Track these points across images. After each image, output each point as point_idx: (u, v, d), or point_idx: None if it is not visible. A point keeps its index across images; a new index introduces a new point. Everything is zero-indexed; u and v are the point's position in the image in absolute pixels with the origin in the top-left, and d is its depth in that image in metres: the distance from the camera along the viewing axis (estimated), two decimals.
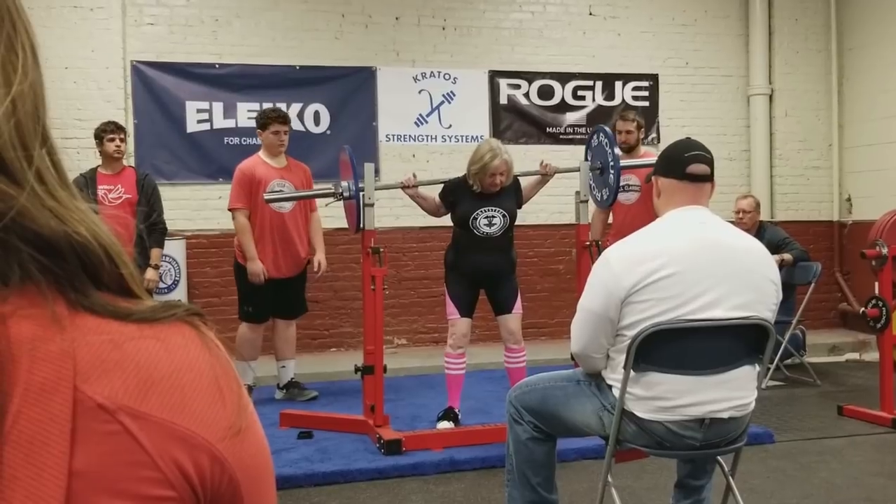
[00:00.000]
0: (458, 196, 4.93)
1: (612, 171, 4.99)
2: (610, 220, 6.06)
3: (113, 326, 0.59)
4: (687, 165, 2.80)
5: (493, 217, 4.87)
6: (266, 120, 5.62)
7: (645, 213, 5.37)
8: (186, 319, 0.63)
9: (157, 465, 0.57)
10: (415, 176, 5.07)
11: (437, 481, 4.25)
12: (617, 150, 5.00)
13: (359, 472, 4.29)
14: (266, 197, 5.27)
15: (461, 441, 4.63)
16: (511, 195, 4.98)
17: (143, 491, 0.56)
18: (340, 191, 4.85)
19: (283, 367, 5.96)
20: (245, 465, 0.62)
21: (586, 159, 5.38)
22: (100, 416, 0.56)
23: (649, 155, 5.83)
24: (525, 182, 5.18)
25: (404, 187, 4.99)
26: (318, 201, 5.83)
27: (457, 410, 5.06)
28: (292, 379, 5.97)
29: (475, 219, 4.85)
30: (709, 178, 2.83)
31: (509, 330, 5.04)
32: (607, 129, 5.18)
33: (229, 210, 5.65)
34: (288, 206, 5.60)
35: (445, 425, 4.94)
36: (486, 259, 4.89)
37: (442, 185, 5.10)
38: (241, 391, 0.64)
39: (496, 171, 4.78)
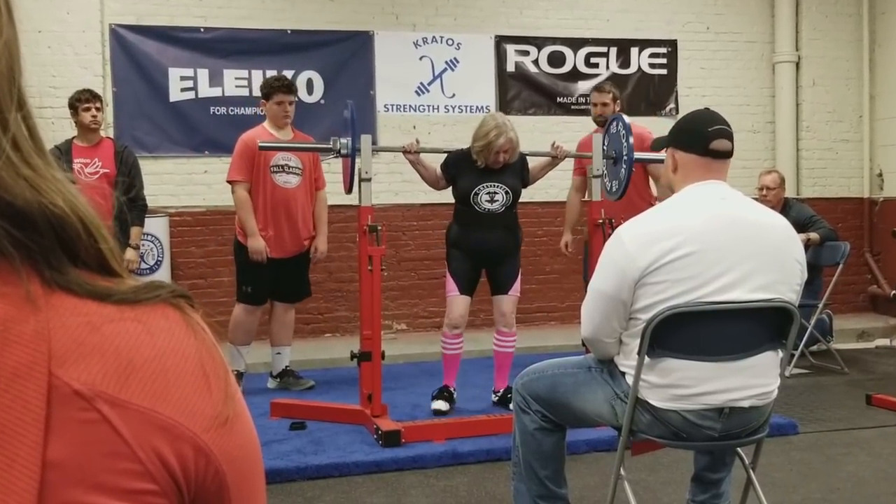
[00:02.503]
0: (460, 169, 5.04)
1: (624, 164, 5.00)
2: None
3: (91, 307, 0.59)
4: (711, 141, 2.79)
5: (496, 193, 4.99)
6: (269, 90, 5.58)
7: (634, 198, 5.42)
8: (171, 301, 0.63)
9: (138, 456, 0.57)
10: (418, 142, 5.16)
11: (438, 475, 4.27)
12: (632, 140, 4.98)
13: (355, 465, 4.31)
14: (260, 144, 5.18)
15: (464, 432, 4.65)
16: (517, 172, 5.10)
17: (122, 484, 0.56)
18: (339, 147, 4.86)
19: (279, 353, 5.94)
20: (232, 456, 0.62)
21: (603, 145, 5.33)
22: (76, 403, 0.56)
23: (640, 132, 5.81)
24: (533, 162, 5.28)
25: (405, 152, 5.06)
26: (327, 177, 5.89)
27: (452, 389, 5.22)
28: (287, 367, 5.97)
29: (476, 194, 4.97)
30: (731, 154, 2.83)
31: (502, 312, 5.20)
32: (626, 118, 5.16)
33: (228, 182, 5.59)
34: (294, 181, 5.58)
35: (440, 405, 5.11)
36: (488, 237, 5.02)
37: (444, 156, 5.19)
38: (229, 378, 0.64)
39: (501, 149, 4.90)
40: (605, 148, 5.22)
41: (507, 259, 5.12)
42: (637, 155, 5.12)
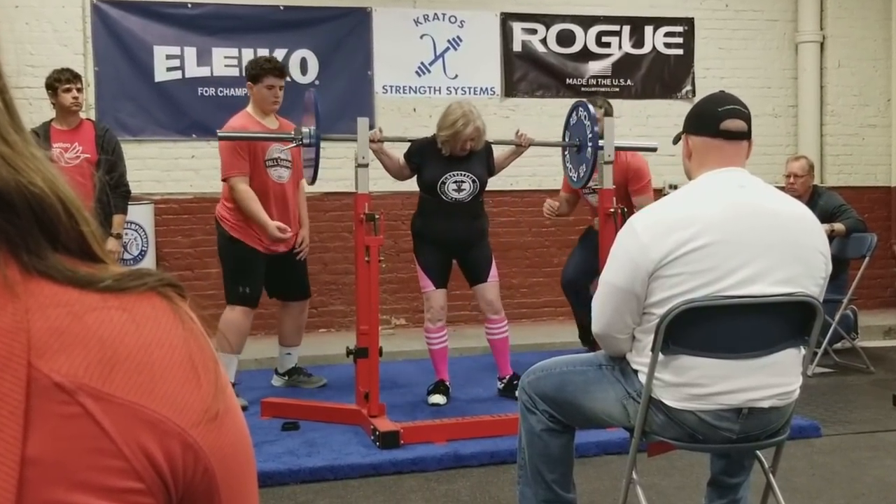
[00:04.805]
0: (425, 158, 5.26)
1: (589, 147, 5.22)
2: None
3: (73, 295, 0.59)
4: (721, 121, 2.79)
5: (463, 182, 5.21)
6: (259, 71, 5.37)
7: None
8: (159, 290, 0.63)
9: (123, 452, 0.56)
10: (381, 131, 5.29)
11: (439, 478, 4.27)
12: (597, 128, 5.20)
13: (350, 467, 4.31)
14: (219, 133, 5.06)
15: (467, 433, 4.65)
16: (482, 160, 5.32)
17: (106, 482, 0.56)
18: (301, 136, 4.89)
19: (289, 353, 5.95)
20: (222, 454, 0.62)
21: (564, 139, 5.63)
22: (57, 396, 0.55)
23: (639, 166, 6.03)
24: (498, 151, 5.49)
25: (369, 141, 5.11)
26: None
27: (447, 383, 5.44)
28: (296, 365, 5.99)
29: (443, 184, 5.19)
30: (745, 135, 2.82)
31: (487, 300, 5.43)
32: (588, 105, 5.38)
33: (224, 180, 5.36)
34: (287, 175, 5.45)
35: (438, 399, 5.33)
36: (455, 226, 5.24)
37: (408, 145, 5.37)
38: (219, 371, 0.64)
39: (468, 137, 5.10)
40: (567, 137, 5.52)
41: (476, 247, 5.36)
42: (618, 143, 5.38)
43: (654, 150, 5.67)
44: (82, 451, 0.55)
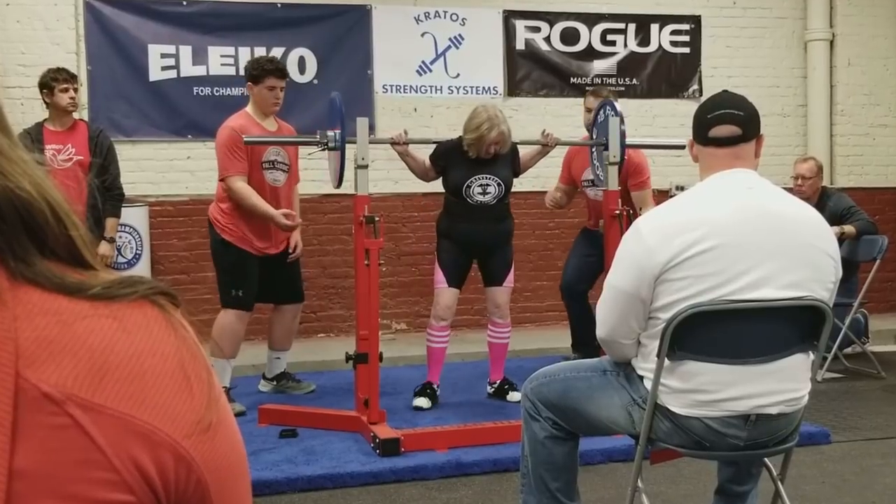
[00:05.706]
0: (451, 161, 5.32)
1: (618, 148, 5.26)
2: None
3: (62, 303, 0.58)
4: (709, 129, 2.79)
5: (488, 185, 5.28)
6: (260, 72, 5.36)
7: None
8: (150, 298, 0.63)
9: (113, 464, 0.56)
10: (406, 133, 5.33)
11: (440, 487, 4.27)
12: (624, 127, 5.26)
13: (350, 475, 4.31)
14: (245, 139, 5.06)
15: (469, 440, 4.65)
16: (507, 162, 5.38)
17: (95, 495, 0.56)
18: (326, 140, 4.89)
19: (278, 358, 5.93)
20: (215, 465, 0.62)
21: (591, 136, 5.68)
22: (46, 407, 0.55)
23: (639, 162, 5.99)
24: (524, 150, 5.56)
25: (393, 143, 5.25)
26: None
27: (435, 386, 5.48)
28: (284, 370, 5.98)
29: (468, 187, 5.26)
30: (739, 139, 2.78)
31: (496, 303, 5.53)
32: (615, 103, 5.43)
33: (221, 179, 5.34)
34: (282, 178, 5.46)
35: (422, 402, 5.37)
36: (479, 229, 5.31)
37: (433, 147, 5.43)
38: (212, 380, 0.64)
39: (492, 142, 5.15)
40: (595, 135, 5.55)
41: (499, 250, 5.43)
42: (632, 140, 5.49)
43: (683, 147, 5.63)
44: (71, 463, 0.55)
